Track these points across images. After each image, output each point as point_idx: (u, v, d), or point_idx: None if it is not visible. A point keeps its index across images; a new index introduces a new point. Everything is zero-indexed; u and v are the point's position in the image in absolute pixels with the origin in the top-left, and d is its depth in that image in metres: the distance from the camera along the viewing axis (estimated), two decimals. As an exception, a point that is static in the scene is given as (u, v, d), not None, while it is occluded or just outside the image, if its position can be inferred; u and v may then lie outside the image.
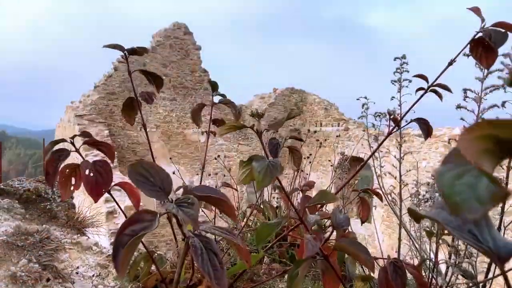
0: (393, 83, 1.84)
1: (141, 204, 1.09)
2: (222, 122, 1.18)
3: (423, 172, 7.81)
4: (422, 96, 0.90)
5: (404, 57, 1.76)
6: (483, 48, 0.79)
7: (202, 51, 11.65)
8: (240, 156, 12.30)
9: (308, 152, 13.39)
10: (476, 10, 0.80)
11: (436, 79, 0.93)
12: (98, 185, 0.88)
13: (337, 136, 9.76)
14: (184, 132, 11.46)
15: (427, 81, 0.94)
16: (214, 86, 1.41)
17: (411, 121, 0.97)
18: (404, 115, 0.95)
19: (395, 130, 1.11)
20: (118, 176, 8.65)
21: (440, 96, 0.93)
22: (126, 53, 1.10)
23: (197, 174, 11.65)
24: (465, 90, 1.42)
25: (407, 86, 1.78)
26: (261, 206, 1.91)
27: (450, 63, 0.87)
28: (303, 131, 13.09)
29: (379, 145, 1.31)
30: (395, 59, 1.77)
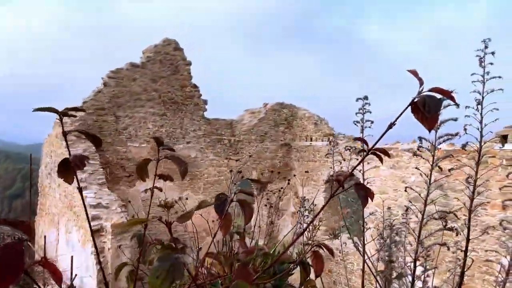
0: (355, 124, 1.90)
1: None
2: (169, 177, 1.15)
3: (412, 187, 7.87)
4: (365, 156, 0.90)
5: (366, 98, 1.82)
6: (423, 112, 0.80)
7: (193, 66, 11.71)
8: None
9: (299, 167, 13.42)
10: (414, 73, 0.81)
11: (376, 142, 0.94)
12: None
13: (326, 155, 9.80)
14: (174, 148, 11.38)
15: (367, 145, 0.96)
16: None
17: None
18: (364, 157, 0.93)
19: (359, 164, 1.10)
20: (106, 193, 8.51)
21: (381, 159, 0.94)
22: (61, 116, 1.04)
23: (187, 189, 11.53)
24: (420, 139, 1.48)
25: (369, 127, 1.84)
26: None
27: (390, 127, 0.88)
28: (293, 146, 13.14)
29: (349, 174, 1.32)
30: (357, 99, 1.82)
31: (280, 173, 12.57)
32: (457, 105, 1.37)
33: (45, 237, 9.01)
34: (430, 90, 0.80)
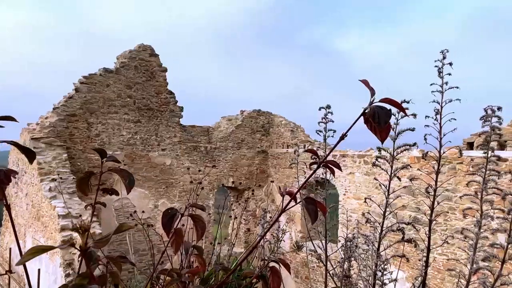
0: (318, 133, 1.92)
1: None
2: (113, 191, 1.07)
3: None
4: (316, 169, 0.90)
5: (328, 107, 1.84)
6: (372, 123, 0.79)
7: (169, 72, 11.59)
8: (206, 179, 12.13)
9: (275, 174, 13.47)
10: (365, 83, 0.80)
11: (328, 154, 0.94)
12: None
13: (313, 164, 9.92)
14: (149, 155, 11.17)
15: (317, 156, 0.95)
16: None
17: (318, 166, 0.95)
18: (316, 169, 0.92)
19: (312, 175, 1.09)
20: (76, 202, 8.20)
21: (332, 171, 0.93)
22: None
23: (162, 198, 11.31)
24: (378, 149, 1.51)
25: (332, 136, 1.87)
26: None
27: (342, 138, 0.87)
28: (270, 153, 13.19)
29: (301, 185, 1.33)
30: (320, 108, 1.84)
31: (257, 180, 12.59)
32: (407, 115, 1.40)
33: (10, 249, 8.56)
34: (380, 101, 0.79)
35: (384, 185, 1.64)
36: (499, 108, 1.60)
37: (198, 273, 0.88)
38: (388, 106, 0.78)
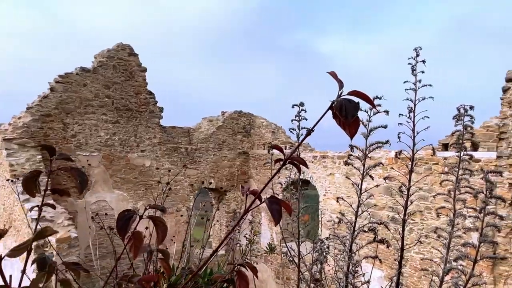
0: (291, 131, 1.91)
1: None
2: (64, 192, 1.00)
3: (364, 194, 8.18)
4: (281, 167, 0.87)
5: (302, 104, 1.83)
6: (340, 117, 0.75)
7: (148, 72, 11.39)
8: (187, 180, 11.98)
9: (256, 175, 13.43)
10: (333, 75, 0.76)
11: (293, 151, 0.90)
12: None
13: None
14: (128, 156, 10.94)
15: (283, 153, 0.92)
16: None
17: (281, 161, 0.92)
18: (281, 166, 0.89)
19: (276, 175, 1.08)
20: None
21: (298, 168, 0.88)
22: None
23: (141, 200, 11.09)
24: (351, 147, 1.50)
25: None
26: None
27: (309, 133, 0.83)
28: (251, 154, 13.16)
29: (266, 184, 1.31)
30: (293, 106, 1.83)
31: (238, 181, 12.53)
32: (376, 108, 1.39)
33: (-21, 255, 8.18)
34: (349, 94, 0.75)
35: (356, 184, 1.63)
36: (471, 107, 1.62)
37: (153, 280, 0.81)
38: (357, 100, 0.75)
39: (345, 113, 0.74)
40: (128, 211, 0.78)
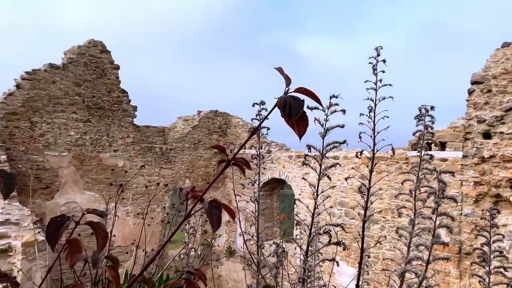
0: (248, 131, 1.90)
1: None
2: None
3: (338, 192, 8.31)
4: (224, 168, 0.84)
5: (262, 103, 1.83)
6: (284, 115, 0.71)
7: (120, 69, 11.10)
8: (162, 181, 11.78)
9: (233, 175, 13.38)
10: (280, 70, 0.73)
11: (237, 152, 0.87)
12: None
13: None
14: (100, 156, 10.63)
15: (225, 154, 0.88)
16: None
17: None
18: (225, 167, 0.85)
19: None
20: (16, 207, 7.58)
21: (242, 170, 0.84)
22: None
23: (114, 201, 10.81)
24: (308, 147, 1.51)
25: (267, 134, 1.87)
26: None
27: (253, 132, 0.80)
28: (227, 154, 13.10)
29: (208, 186, 1.30)
30: (253, 105, 1.83)
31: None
32: (322, 106, 1.38)
33: None
34: (295, 91, 0.71)
35: (313, 185, 1.64)
36: (432, 108, 1.65)
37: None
38: (303, 97, 0.72)
39: (289, 111, 0.70)
40: (62, 217, 0.73)
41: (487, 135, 6.22)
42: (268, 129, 1.81)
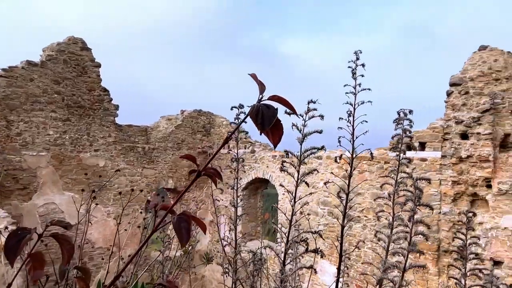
0: (227, 134, 1.90)
1: None
2: None
3: (321, 192, 8.38)
4: (196, 179, 0.81)
5: (241, 106, 1.83)
6: (257, 124, 0.69)
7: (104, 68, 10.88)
8: (144, 181, 11.62)
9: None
10: (253, 77, 0.71)
11: (208, 162, 0.85)
12: None
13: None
14: (80, 156, 10.39)
15: (196, 164, 0.86)
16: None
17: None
18: (196, 178, 0.83)
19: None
20: (-9, 209, 7.32)
21: (214, 181, 0.81)
22: None
23: (95, 202, 10.59)
24: (286, 152, 1.51)
25: (245, 138, 1.87)
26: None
27: (226, 141, 0.77)
28: (210, 153, 13.02)
29: (177, 199, 1.29)
30: (232, 108, 1.82)
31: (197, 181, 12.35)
32: (297, 114, 1.39)
33: None
34: (268, 99, 0.70)
35: (291, 192, 1.63)
36: (411, 112, 1.67)
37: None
38: (277, 106, 0.71)
39: (261, 120, 0.68)
40: (24, 229, 0.69)
41: (464, 136, 6.39)
42: (247, 133, 1.80)
